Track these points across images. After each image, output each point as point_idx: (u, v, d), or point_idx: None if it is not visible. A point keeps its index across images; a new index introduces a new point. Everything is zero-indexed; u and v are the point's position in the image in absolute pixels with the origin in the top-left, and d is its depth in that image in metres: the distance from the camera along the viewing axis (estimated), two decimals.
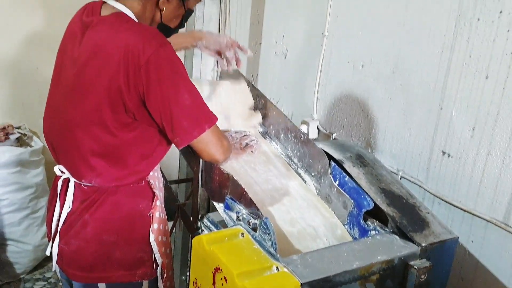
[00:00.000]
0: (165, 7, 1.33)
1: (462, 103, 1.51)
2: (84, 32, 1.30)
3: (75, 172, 1.36)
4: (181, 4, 1.35)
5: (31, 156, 2.50)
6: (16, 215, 2.51)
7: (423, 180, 1.68)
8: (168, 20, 1.37)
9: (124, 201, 1.38)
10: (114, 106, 1.25)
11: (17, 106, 2.66)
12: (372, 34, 1.81)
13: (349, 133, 1.98)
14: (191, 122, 1.24)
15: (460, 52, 1.50)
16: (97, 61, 1.24)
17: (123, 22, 1.26)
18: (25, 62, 2.60)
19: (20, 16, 2.51)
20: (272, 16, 2.44)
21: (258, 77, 2.62)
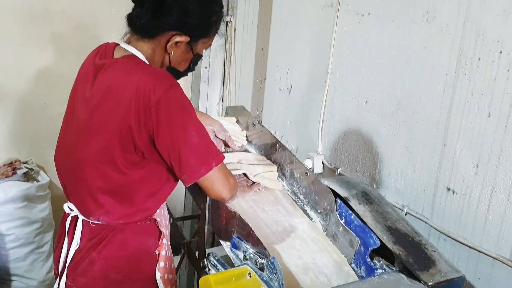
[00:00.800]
0: (173, 51, 1.35)
1: (465, 140, 1.53)
2: (96, 74, 1.34)
3: (84, 209, 1.38)
4: (189, 49, 1.37)
5: (38, 191, 2.52)
6: (22, 250, 2.51)
7: (428, 216, 1.69)
8: (177, 63, 1.40)
9: (131, 239, 1.39)
10: (124, 145, 1.27)
11: (25, 140, 2.70)
12: (375, 71, 1.85)
13: (354, 168, 1.99)
14: (199, 160, 1.27)
15: (462, 90, 1.53)
16: (108, 102, 1.28)
17: (135, 64, 1.30)
18: (34, 97, 2.64)
19: (30, 53, 2.57)
20: (276, 53, 2.49)
21: (263, 111, 2.65)
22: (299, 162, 1.65)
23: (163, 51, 1.36)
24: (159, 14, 1.30)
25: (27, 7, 2.50)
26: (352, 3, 1.93)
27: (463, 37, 1.50)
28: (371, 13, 1.84)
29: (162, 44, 1.34)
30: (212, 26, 1.38)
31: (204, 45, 1.41)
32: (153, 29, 1.33)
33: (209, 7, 1.34)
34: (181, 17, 1.31)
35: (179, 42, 1.34)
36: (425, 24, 1.63)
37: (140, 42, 1.36)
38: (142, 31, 1.35)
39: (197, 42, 1.37)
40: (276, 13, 2.45)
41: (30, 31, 2.54)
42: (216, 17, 1.38)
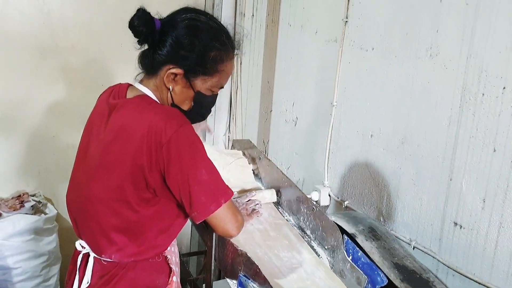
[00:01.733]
0: (172, 85, 1.34)
1: (471, 175, 1.53)
2: (110, 113, 1.36)
3: (96, 246, 1.39)
4: (189, 85, 1.35)
5: (45, 224, 2.53)
6: (28, 284, 2.50)
7: (436, 250, 1.68)
8: (179, 101, 1.38)
9: (142, 276, 1.39)
10: (136, 182, 1.29)
11: (33, 173, 2.72)
12: (380, 105, 1.86)
13: (360, 201, 1.99)
14: (209, 197, 1.27)
15: (467, 125, 1.54)
16: (121, 141, 1.30)
17: (147, 104, 1.32)
18: (43, 130, 2.68)
19: (40, 86, 2.61)
20: (282, 85, 2.52)
21: (269, 143, 2.67)
22: (306, 197, 1.65)
23: (164, 87, 1.36)
24: (157, 48, 1.32)
25: (38, 42, 2.55)
26: (356, 38, 1.96)
27: (466, 73, 1.52)
28: (375, 48, 1.87)
29: (163, 78, 1.34)
30: (210, 63, 1.33)
31: (206, 84, 1.36)
32: (154, 64, 1.34)
33: (205, 42, 1.32)
34: (174, 49, 1.31)
35: (176, 77, 1.33)
36: (428, 59, 1.65)
37: (148, 80, 1.38)
38: (147, 68, 1.38)
39: (195, 77, 1.34)
40: (281, 47, 2.49)
41: (40, 65, 2.59)
42: (216, 54, 1.33)
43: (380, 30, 1.84)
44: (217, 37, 1.35)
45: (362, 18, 1.93)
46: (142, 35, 1.30)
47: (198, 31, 1.32)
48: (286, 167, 2.52)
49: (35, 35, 2.55)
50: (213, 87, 1.38)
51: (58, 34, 2.60)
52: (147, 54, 1.36)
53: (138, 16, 1.28)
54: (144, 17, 1.28)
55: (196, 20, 1.34)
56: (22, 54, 2.54)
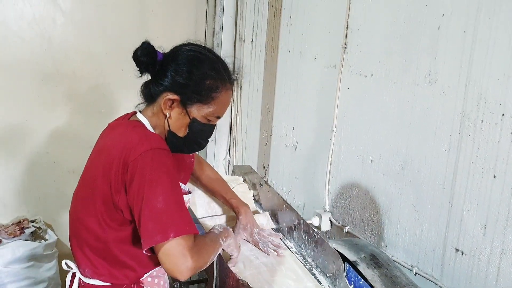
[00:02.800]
0: (169, 112, 1.37)
1: (472, 201, 1.53)
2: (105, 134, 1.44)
3: (76, 260, 1.42)
4: (185, 112, 1.36)
5: (45, 250, 2.52)
6: None
7: (437, 277, 1.67)
8: (176, 128, 1.39)
9: None
10: (106, 200, 1.30)
11: (34, 199, 2.72)
12: (380, 130, 1.87)
13: (362, 227, 1.99)
14: (156, 226, 1.19)
15: (467, 151, 1.54)
16: (100, 160, 1.34)
17: (131, 127, 1.36)
18: (43, 156, 2.69)
19: (41, 112, 2.63)
20: (281, 110, 2.53)
21: (269, 167, 2.67)
22: (307, 224, 1.65)
23: (162, 114, 1.39)
24: (158, 78, 1.37)
25: (39, 69, 2.58)
26: (355, 64, 1.98)
27: (465, 99, 1.53)
28: (374, 74, 1.89)
29: (160, 105, 1.38)
30: (205, 90, 1.34)
31: (202, 111, 1.37)
32: (154, 92, 1.39)
33: (200, 70, 1.35)
34: (173, 77, 1.35)
35: (172, 103, 1.35)
36: (427, 85, 1.67)
37: (147, 109, 1.43)
38: (147, 97, 1.43)
39: (191, 105, 1.35)
40: (281, 72, 2.51)
41: (41, 91, 2.61)
42: (212, 83, 1.35)
43: (379, 56, 1.86)
44: (214, 67, 1.38)
45: (360, 44, 1.95)
46: (143, 64, 1.35)
47: (196, 61, 1.36)
48: (287, 192, 2.52)
49: (36, 61, 2.57)
50: (209, 115, 1.38)
51: (59, 60, 2.62)
52: (148, 85, 1.41)
53: (142, 48, 1.34)
54: (147, 49, 1.34)
55: (195, 51, 1.38)
56: (23, 80, 2.56)
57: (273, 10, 2.55)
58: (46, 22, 2.56)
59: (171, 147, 1.38)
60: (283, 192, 2.53)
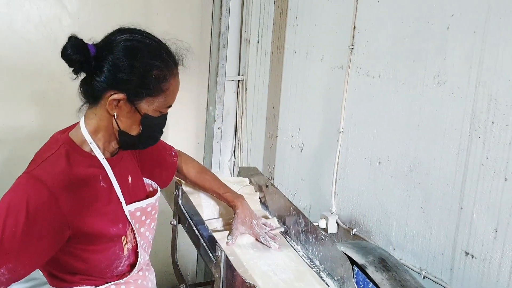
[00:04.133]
0: (116, 112, 1.25)
1: (482, 204, 1.51)
2: None
3: None
4: (134, 109, 1.26)
5: None
6: None
7: (447, 280, 1.65)
8: (126, 127, 1.29)
9: None
10: None
11: None
12: (388, 132, 1.85)
13: (369, 229, 1.97)
14: None
15: (477, 153, 1.52)
16: None
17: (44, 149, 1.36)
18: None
19: (48, 114, 2.62)
20: (287, 111, 2.52)
21: (275, 168, 2.65)
22: (314, 226, 1.63)
23: (108, 114, 1.27)
24: (95, 75, 1.23)
25: (45, 70, 2.56)
26: (362, 65, 1.96)
27: (475, 101, 1.51)
28: (382, 75, 1.87)
29: (104, 107, 1.25)
30: (153, 82, 1.24)
31: (153, 105, 1.27)
32: (94, 92, 1.25)
33: (144, 62, 1.23)
34: (113, 73, 1.22)
35: (118, 102, 1.24)
36: (436, 86, 1.65)
37: (89, 111, 1.31)
38: (87, 97, 1.30)
39: (140, 100, 1.25)
40: (286, 73, 2.50)
41: (47, 94, 2.60)
42: (158, 73, 1.24)
43: (387, 57, 1.84)
44: (157, 55, 1.26)
45: (368, 45, 1.93)
46: (77, 63, 1.22)
47: (136, 52, 1.23)
48: (292, 194, 2.50)
49: (42, 63, 2.56)
50: (160, 107, 1.29)
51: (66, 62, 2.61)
52: (84, 82, 1.28)
53: (70, 44, 1.22)
54: (77, 44, 1.22)
55: (132, 40, 1.25)
56: (29, 82, 2.55)
57: (279, 11, 2.54)
58: (52, 24, 2.55)
59: (125, 146, 1.33)
60: (289, 194, 2.51)
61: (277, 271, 1.52)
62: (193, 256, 2.71)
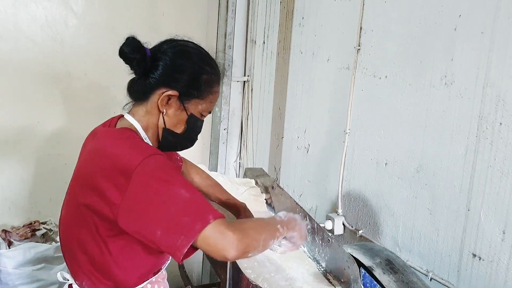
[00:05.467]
0: (165, 109, 1.32)
1: (490, 205, 1.50)
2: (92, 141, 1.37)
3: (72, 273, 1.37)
4: (182, 107, 1.33)
5: (56, 252, 2.51)
6: None
7: (454, 282, 1.63)
8: (172, 125, 1.35)
9: None
10: (99, 212, 1.22)
11: (44, 200, 2.71)
12: (394, 133, 1.85)
13: (375, 231, 1.96)
14: (192, 216, 1.12)
15: (485, 155, 1.51)
16: (88, 169, 1.27)
17: (124, 136, 1.29)
18: (54, 158, 2.68)
19: (53, 114, 2.63)
20: (293, 112, 2.51)
21: (281, 169, 2.65)
22: (321, 227, 1.62)
23: (157, 111, 1.33)
24: (149, 73, 1.31)
25: (50, 71, 2.58)
26: (369, 66, 1.95)
27: (483, 102, 1.50)
28: (388, 76, 1.86)
29: (155, 103, 1.32)
30: (203, 85, 1.33)
31: (199, 107, 1.35)
32: (145, 89, 1.32)
33: (197, 64, 1.33)
34: (168, 71, 1.30)
35: (170, 99, 1.31)
36: (443, 87, 1.64)
37: (137, 108, 1.36)
38: (137, 95, 1.36)
39: (189, 100, 1.33)
40: (292, 74, 2.49)
41: (52, 93, 2.61)
42: (207, 78, 1.34)
43: (393, 58, 1.83)
44: (207, 62, 1.37)
45: (374, 45, 1.92)
46: (135, 61, 1.29)
47: (189, 55, 1.34)
48: (298, 195, 2.49)
49: (48, 63, 2.57)
50: (204, 111, 1.38)
51: (71, 63, 2.62)
52: (137, 82, 1.34)
53: (127, 44, 1.29)
54: (133, 44, 1.29)
55: (186, 46, 1.36)
56: (35, 82, 2.56)
57: (285, 12, 2.53)
58: (58, 25, 2.55)
59: (165, 145, 1.36)
60: (295, 195, 2.50)
61: (294, 286, 1.48)
62: (199, 257, 2.70)
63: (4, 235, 2.50)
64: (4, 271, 2.39)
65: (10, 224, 2.64)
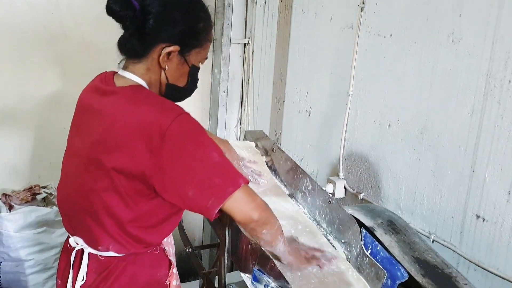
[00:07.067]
0: (167, 65, 1.28)
1: (496, 166, 1.47)
2: (101, 101, 1.30)
3: (92, 240, 1.32)
4: (183, 60, 1.30)
5: (57, 216, 2.50)
6: (41, 276, 2.48)
7: (456, 244, 1.62)
8: (174, 79, 1.32)
9: (142, 271, 1.34)
10: (129, 174, 1.21)
11: (45, 165, 2.69)
12: (399, 94, 1.80)
13: (377, 193, 1.93)
14: (225, 179, 1.19)
15: (492, 114, 1.47)
16: (113, 132, 1.22)
17: (141, 95, 1.25)
18: (53, 122, 2.65)
19: (50, 77, 2.58)
20: (295, 75, 2.46)
21: (281, 134, 2.61)
22: (321, 189, 1.60)
23: (158, 68, 1.29)
24: (145, 30, 1.24)
25: (47, 33, 2.52)
26: (373, 25, 1.89)
27: (492, 59, 1.45)
28: (393, 34, 1.80)
29: (155, 60, 1.27)
30: (201, 33, 1.30)
31: (198, 56, 1.33)
32: (143, 46, 1.27)
33: (193, 14, 1.29)
34: (167, 27, 1.24)
35: (171, 54, 1.27)
36: (450, 45, 1.58)
37: (135, 66, 1.30)
38: (133, 52, 1.29)
39: (189, 52, 1.30)
40: (294, 35, 2.43)
41: (48, 56, 2.56)
42: (204, 24, 1.31)
43: (399, 15, 1.77)
44: (200, 7, 1.32)
45: (379, 3, 1.86)
46: (128, 19, 1.22)
47: (181, 4, 1.28)
48: (300, 159, 2.46)
49: (44, 25, 2.51)
50: (203, 58, 1.35)
51: (68, 25, 2.56)
52: (130, 39, 1.27)
53: (114, 0, 1.21)
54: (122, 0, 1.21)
55: None
56: (31, 45, 2.51)
57: None
58: None
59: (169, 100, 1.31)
60: (296, 159, 2.47)
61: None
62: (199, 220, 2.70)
63: (4, 198, 2.50)
64: (6, 234, 2.39)
65: (11, 189, 2.63)
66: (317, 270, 1.35)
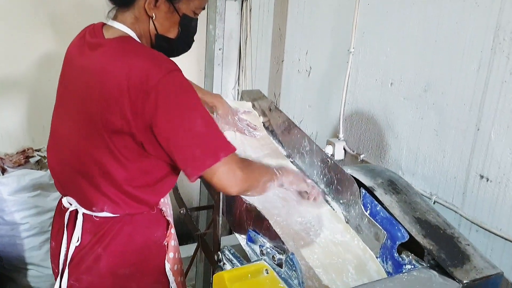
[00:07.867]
0: (154, 13, 1.22)
1: (502, 124, 1.41)
2: (89, 55, 1.23)
3: (85, 201, 1.28)
4: (173, 9, 1.23)
5: (51, 179, 2.46)
6: (37, 239, 2.46)
7: (458, 205, 1.57)
8: (164, 30, 1.25)
9: (139, 231, 1.31)
10: (118, 132, 1.17)
11: (38, 128, 2.64)
12: (402, 50, 1.72)
13: (377, 155, 1.88)
14: (204, 151, 1.15)
15: (499, 69, 1.40)
16: (103, 88, 1.17)
17: (130, 47, 1.19)
18: (45, 83, 2.57)
19: (40, 37, 2.50)
20: (294, 33, 2.37)
21: (280, 95, 2.54)
22: (320, 149, 1.54)
23: (146, 17, 1.22)
24: None
25: None
26: None
27: (501, 10, 1.37)
28: None
29: (142, 7, 1.21)
30: None
31: (190, 4, 1.25)
32: None
33: None
34: None
35: (158, 1, 1.20)
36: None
37: (124, 15, 1.24)
38: (121, 1, 1.24)
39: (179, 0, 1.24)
40: None
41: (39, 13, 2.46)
42: None
43: None
44: None
45: None
46: None
47: None
48: (299, 121, 2.40)
49: None
50: (197, 8, 1.27)
51: None
52: None
53: None
54: None
55: None
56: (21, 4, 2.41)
57: None
58: None
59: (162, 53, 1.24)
60: (295, 121, 2.40)
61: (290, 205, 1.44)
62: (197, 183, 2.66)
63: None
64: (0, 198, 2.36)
65: (3, 152, 2.59)
66: None
